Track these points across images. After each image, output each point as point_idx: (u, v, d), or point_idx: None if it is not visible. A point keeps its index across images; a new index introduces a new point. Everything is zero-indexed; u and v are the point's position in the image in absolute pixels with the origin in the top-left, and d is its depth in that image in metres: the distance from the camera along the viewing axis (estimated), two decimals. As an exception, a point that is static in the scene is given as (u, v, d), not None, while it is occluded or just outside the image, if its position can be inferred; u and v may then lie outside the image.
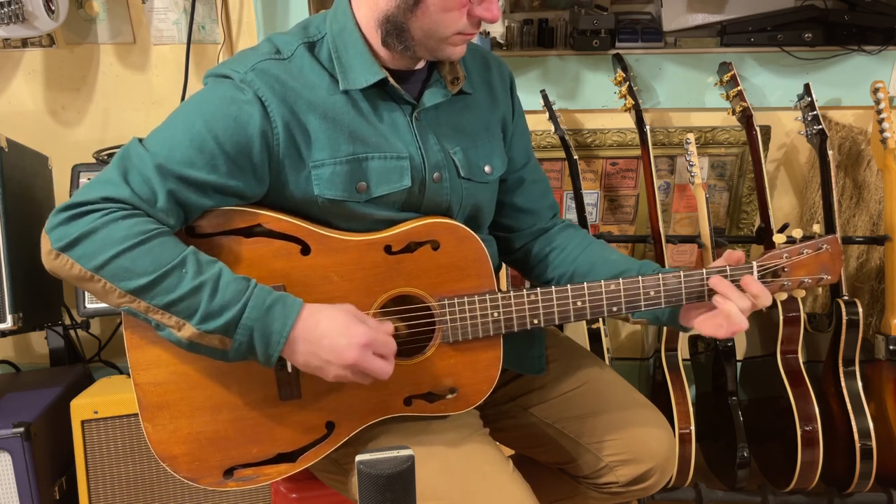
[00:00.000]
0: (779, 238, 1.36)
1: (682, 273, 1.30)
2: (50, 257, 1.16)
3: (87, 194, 1.16)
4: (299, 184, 1.25)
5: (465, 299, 1.29)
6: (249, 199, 1.27)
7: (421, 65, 1.34)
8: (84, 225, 1.13)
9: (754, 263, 1.32)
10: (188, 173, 1.18)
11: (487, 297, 1.30)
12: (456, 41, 1.25)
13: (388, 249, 1.28)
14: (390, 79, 1.27)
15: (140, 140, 1.21)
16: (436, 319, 1.31)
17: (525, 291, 1.30)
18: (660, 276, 1.31)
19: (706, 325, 1.32)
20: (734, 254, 1.32)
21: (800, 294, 1.38)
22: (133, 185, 1.16)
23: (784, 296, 1.37)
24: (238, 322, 1.14)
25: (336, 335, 1.17)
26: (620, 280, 1.30)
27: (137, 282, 1.13)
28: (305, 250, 1.26)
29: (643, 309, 1.32)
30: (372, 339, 1.18)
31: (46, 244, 1.15)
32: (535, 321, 1.31)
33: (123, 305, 1.16)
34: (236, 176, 1.21)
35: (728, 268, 1.31)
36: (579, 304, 1.31)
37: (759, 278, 1.32)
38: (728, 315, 1.27)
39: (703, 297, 1.32)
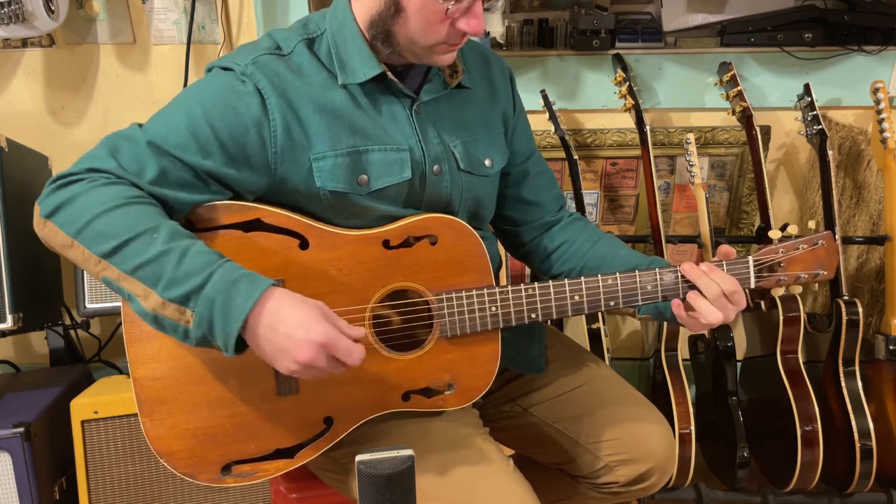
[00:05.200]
0: (774, 234, 1.36)
1: (678, 268, 1.30)
2: (39, 225, 1.18)
3: (74, 167, 1.18)
4: (301, 178, 1.26)
5: (463, 293, 1.29)
6: (249, 193, 1.27)
7: None
8: (69, 192, 1.14)
9: (750, 258, 1.32)
10: (182, 156, 1.18)
11: (485, 291, 1.30)
12: (442, 50, 1.25)
13: (386, 244, 1.29)
14: (389, 73, 1.28)
15: (140, 125, 1.23)
16: (434, 314, 1.31)
17: (523, 286, 1.30)
18: (656, 270, 1.31)
19: (684, 318, 1.31)
20: (724, 248, 1.33)
21: (797, 290, 1.37)
22: (120, 159, 1.17)
23: (781, 291, 1.37)
24: (200, 291, 1.09)
25: (294, 327, 1.10)
26: (617, 274, 1.30)
27: (108, 244, 1.10)
28: (304, 245, 1.26)
29: (640, 303, 1.32)
30: (332, 341, 1.11)
31: (37, 213, 1.17)
32: (533, 315, 1.31)
33: (101, 274, 1.13)
34: (230, 165, 1.22)
35: (724, 262, 1.31)
36: (577, 298, 1.31)
37: (755, 273, 1.32)
38: (700, 311, 1.27)
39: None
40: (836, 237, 1.69)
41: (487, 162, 1.41)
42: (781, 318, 2.09)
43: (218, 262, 1.11)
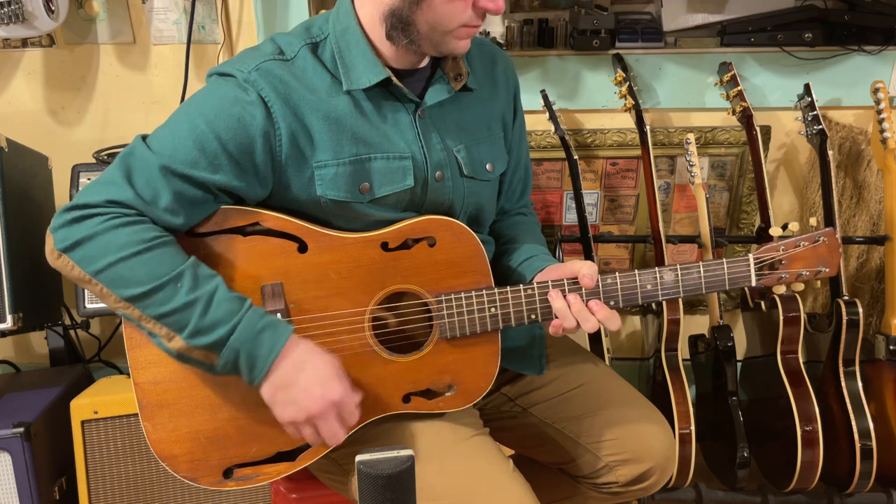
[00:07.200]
0: (775, 231, 1.36)
1: (678, 267, 1.31)
2: (53, 256, 1.18)
3: (91, 196, 1.17)
4: (303, 185, 1.26)
5: (462, 295, 1.29)
6: (253, 200, 1.27)
7: (425, 62, 1.34)
8: (87, 229, 1.15)
9: (750, 256, 1.32)
10: (192, 173, 1.19)
11: (485, 292, 1.30)
12: (461, 34, 1.25)
13: (384, 246, 1.29)
14: (393, 78, 1.27)
15: (144, 139, 1.22)
16: (433, 315, 1.31)
17: (522, 287, 1.30)
18: (656, 270, 1.31)
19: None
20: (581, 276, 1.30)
21: (799, 287, 1.37)
22: (136, 186, 1.17)
23: (783, 289, 1.37)
24: (226, 342, 1.16)
25: (315, 382, 1.19)
26: (616, 273, 1.31)
27: (132, 291, 1.14)
28: (303, 248, 1.26)
29: (640, 302, 1.32)
30: (344, 401, 1.21)
31: (50, 243, 1.18)
32: (533, 316, 1.31)
33: (119, 310, 1.18)
34: (240, 177, 1.22)
35: (725, 261, 1.31)
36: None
37: (755, 271, 1.33)
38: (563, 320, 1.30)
39: (702, 290, 1.32)
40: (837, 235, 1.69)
41: (489, 166, 1.41)
42: (781, 318, 2.09)
43: (241, 312, 1.17)
